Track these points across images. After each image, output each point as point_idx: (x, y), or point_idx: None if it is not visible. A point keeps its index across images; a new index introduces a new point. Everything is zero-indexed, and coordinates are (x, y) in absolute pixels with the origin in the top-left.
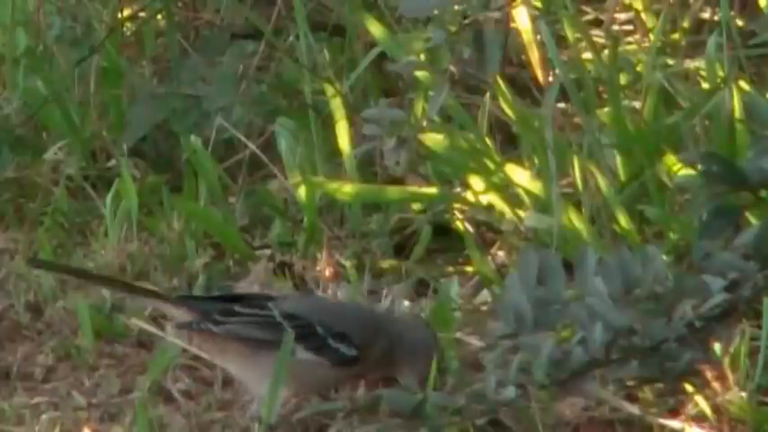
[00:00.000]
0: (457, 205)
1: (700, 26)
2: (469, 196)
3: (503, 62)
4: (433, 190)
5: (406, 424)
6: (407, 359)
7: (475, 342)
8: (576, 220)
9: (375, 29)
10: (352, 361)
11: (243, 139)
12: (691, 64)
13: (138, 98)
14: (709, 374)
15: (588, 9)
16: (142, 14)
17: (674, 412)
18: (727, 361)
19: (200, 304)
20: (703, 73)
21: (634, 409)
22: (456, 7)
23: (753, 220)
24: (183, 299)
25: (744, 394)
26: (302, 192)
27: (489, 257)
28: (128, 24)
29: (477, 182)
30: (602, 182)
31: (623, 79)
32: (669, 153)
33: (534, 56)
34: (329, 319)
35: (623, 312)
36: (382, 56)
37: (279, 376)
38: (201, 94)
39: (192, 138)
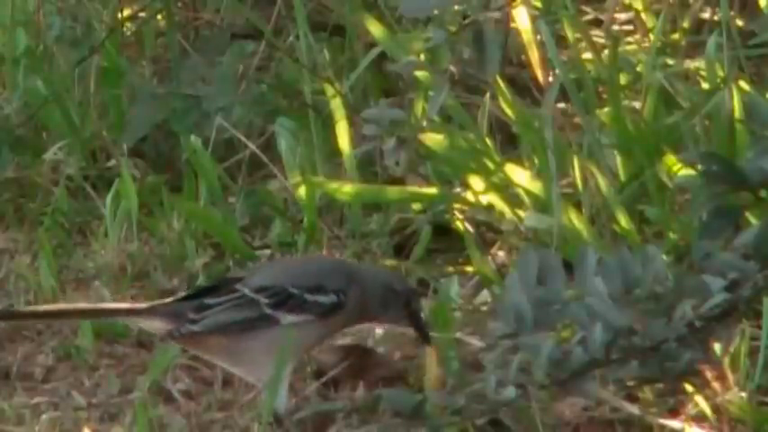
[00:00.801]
0: (457, 205)
1: (700, 26)
2: (469, 196)
3: (503, 62)
4: (433, 190)
5: (406, 424)
6: (379, 304)
7: (475, 342)
8: (576, 220)
9: (375, 29)
10: (334, 308)
11: (243, 139)
12: (691, 64)
13: (138, 98)
14: (709, 374)
15: (588, 9)
16: (142, 14)
17: (674, 412)
18: (727, 361)
19: (171, 308)
20: (703, 73)
21: (634, 409)
22: (456, 7)
23: (753, 220)
24: (152, 308)
25: (744, 394)
26: (302, 192)
27: (489, 257)
28: (128, 24)
29: (477, 182)
30: (602, 182)
31: (623, 79)
32: (669, 153)
33: (534, 56)
34: (300, 277)
35: (623, 312)
36: (382, 56)
37: (279, 372)
38: (201, 94)
39: (192, 138)
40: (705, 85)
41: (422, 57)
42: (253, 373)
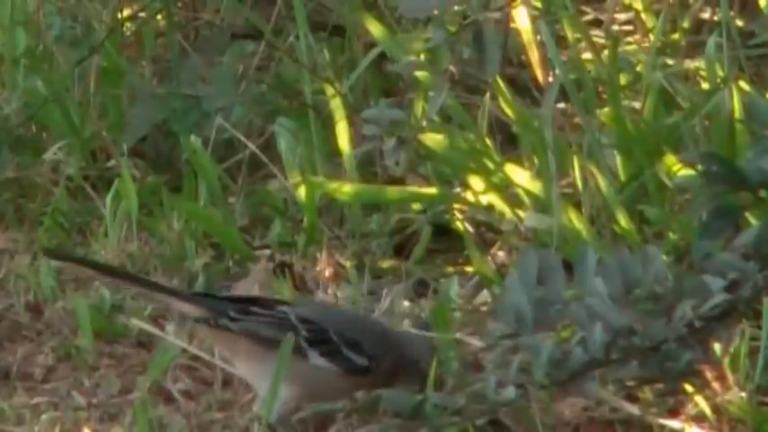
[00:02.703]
0: (457, 205)
1: (700, 26)
2: (469, 196)
3: (503, 62)
4: (433, 190)
5: (406, 424)
6: (410, 373)
7: (475, 342)
8: (576, 220)
9: (375, 29)
10: (362, 371)
11: (243, 139)
12: (691, 64)
13: (138, 98)
14: (709, 374)
15: (588, 9)
16: (142, 14)
17: (673, 412)
18: (727, 361)
19: (213, 302)
20: (703, 73)
21: (634, 409)
22: (456, 7)
23: (753, 220)
24: (195, 295)
25: (744, 394)
26: (302, 192)
27: (489, 257)
28: (128, 24)
29: (477, 182)
30: (602, 182)
31: (623, 79)
32: (669, 153)
33: (534, 56)
34: (343, 327)
35: (623, 312)
36: (382, 56)
37: (278, 375)
38: (201, 94)
39: (192, 138)
40: (705, 85)
41: (422, 57)
42: (261, 388)
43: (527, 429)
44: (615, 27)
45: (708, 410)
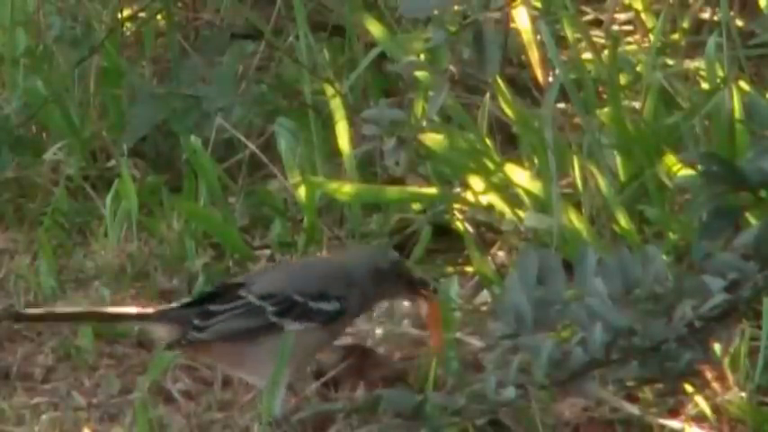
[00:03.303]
0: (457, 205)
1: (700, 26)
2: (469, 196)
3: (503, 62)
4: (432, 190)
5: (406, 424)
6: (374, 288)
7: (475, 342)
8: (576, 220)
9: (375, 29)
10: (337, 315)
11: (243, 139)
12: (691, 64)
13: (138, 98)
14: (709, 374)
15: (588, 9)
16: (142, 14)
17: (674, 412)
18: (727, 361)
19: (177, 315)
20: (703, 73)
21: (634, 409)
22: (456, 7)
23: (753, 221)
24: (160, 314)
25: (744, 394)
26: (302, 192)
27: (489, 257)
28: (128, 24)
29: (477, 182)
30: (602, 182)
31: (623, 79)
32: (669, 153)
33: (534, 56)
34: (303, 284)
35: (623, 313)
36: (382, 56)
37: (277, 375)
38: (201, 94)
39: (192, 138)
40: (705, 85)
41: (422, 57)
42: (255, 378)
43: (527, 429)
44: (615, 27)
45: (708, 410)
